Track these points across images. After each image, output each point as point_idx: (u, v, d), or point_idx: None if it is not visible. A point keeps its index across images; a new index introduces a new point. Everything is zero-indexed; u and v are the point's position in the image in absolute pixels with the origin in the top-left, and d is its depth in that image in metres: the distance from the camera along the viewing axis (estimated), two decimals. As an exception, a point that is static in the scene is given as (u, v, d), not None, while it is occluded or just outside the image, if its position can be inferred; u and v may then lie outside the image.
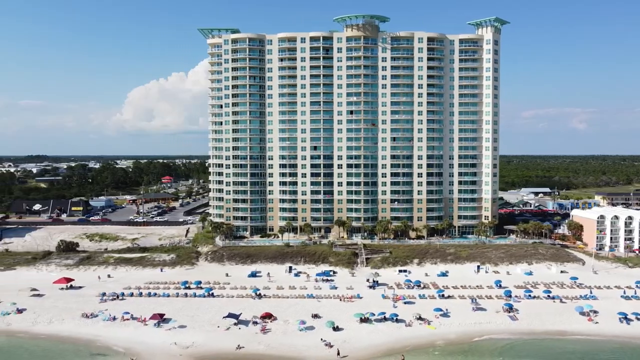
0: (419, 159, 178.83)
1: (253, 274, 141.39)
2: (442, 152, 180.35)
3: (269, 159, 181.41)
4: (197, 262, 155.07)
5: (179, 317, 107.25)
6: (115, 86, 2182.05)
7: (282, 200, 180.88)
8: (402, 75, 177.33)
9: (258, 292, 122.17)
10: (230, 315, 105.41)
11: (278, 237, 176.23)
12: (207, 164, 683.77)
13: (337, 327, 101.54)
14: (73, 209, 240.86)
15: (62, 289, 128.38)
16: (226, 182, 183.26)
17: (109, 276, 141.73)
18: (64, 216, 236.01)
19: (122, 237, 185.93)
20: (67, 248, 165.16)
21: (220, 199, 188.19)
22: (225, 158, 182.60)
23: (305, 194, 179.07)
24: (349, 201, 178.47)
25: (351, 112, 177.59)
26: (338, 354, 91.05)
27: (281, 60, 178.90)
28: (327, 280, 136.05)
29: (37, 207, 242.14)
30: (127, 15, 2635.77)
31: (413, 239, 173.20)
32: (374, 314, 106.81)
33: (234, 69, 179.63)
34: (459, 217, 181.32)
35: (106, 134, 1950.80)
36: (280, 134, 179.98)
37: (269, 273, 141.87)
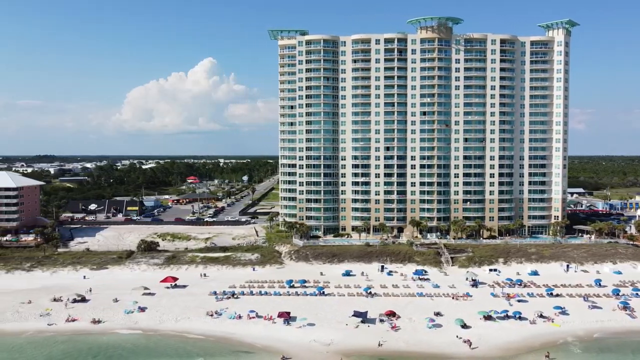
0: (490, 159, 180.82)
1: (347, 273, 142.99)
2: (513, 153, 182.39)
3: (342, 159, 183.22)
4: (283, 261, 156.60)
5: (303, 315, 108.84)
6: (114, 86, 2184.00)
7: (355, 200, 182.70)
8: (475, 77, 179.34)
9: (369, 291, 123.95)
10: (357, 314, 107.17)
11: (350, 236, 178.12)
12: (221, 164, 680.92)
13: (465, 324, 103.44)
14: (128, 208, 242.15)
15: (168, 287, 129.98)
16: (299, 182, 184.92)
17: (205, 275, 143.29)
18: (119, 216, 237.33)
19: (194, 236, 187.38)
20: (148, 248, 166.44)
21: (291, 198, 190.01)
22: (299, 158, 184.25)
23: (379, 194, 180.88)
24: (422, 201, 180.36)
25: (424, 113, 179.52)
26: (470, 346, 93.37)
27: (354, 61, 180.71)
28: (423, 279, 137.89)
29: (92, 207, 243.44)
30: (128, 15, 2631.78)
31: (485, 238, 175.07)
32: (497, 312, 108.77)
33: (307, 70, 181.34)
34: (529, 217, 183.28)
35: (105, 134, 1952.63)
36: (353, 134, 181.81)
37: (363, 272, 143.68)
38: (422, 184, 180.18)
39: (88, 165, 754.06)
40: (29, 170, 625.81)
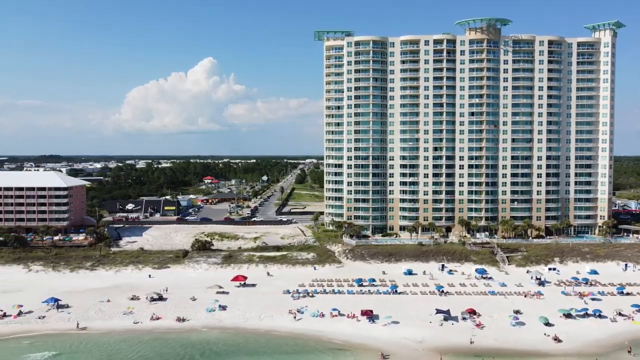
0: (538, 159, 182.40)
1: (409, 272, 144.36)
2: (560, 153, 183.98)
3: (390, 159, 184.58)
4: (341, 260, 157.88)
5: (385, 313, 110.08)
6: (114, 86, 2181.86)
7: (403, 200, 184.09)
8: (522, 78, 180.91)
9: (442, 290, 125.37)
10: (440, 311, 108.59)
11: (399, 236, 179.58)
12: (231, 164, 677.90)
13: (549, 322, 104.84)
14: (166, 208, 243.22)
15: (238, 286, 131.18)
16: (347, 182, 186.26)
17: (269, 274, 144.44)
18: (157, 215, 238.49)
19: (241, 236, 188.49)
20: (203, 247, 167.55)
21: (337, 198, 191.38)
22: (348, 158, 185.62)
23: (427, 194, 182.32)
24: (470, 201, 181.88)
25: (472, 114, 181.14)
26: (560, 343, 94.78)
27: (403, 62, 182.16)
28: (487, 277, 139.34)
29: (129, 206, 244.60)
30: (127, 14, 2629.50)
31: (533, 238, 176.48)
32: (577, 310, 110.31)
33: (356, 70, 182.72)
34: (575, 216, 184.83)
35: (105, 134, 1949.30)
36: (401, 134, 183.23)
37: (424, 271, 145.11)
38: (470, 183, 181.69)
39: (97, 165, 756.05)
40: (40, 170, 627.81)
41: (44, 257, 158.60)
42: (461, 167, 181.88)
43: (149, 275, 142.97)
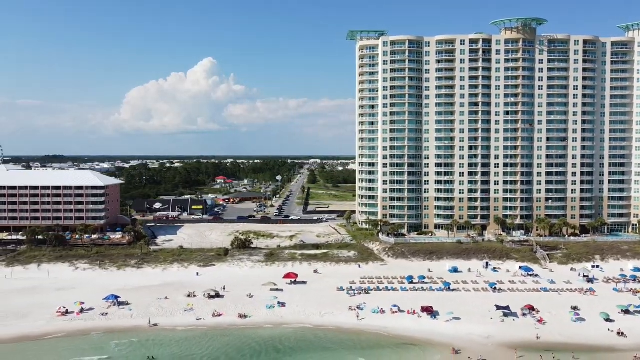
0: (572, 158, 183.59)
1: (454, 270, 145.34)
2: (594, 152, 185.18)
3: (425, 158, 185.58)
4: (383, 258, 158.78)
5: (444, 310, 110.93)
6: (113, 86, 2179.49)
7: (438, 199, 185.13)
8: (557, 77, 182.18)
9: (494, 286, 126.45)
10: (499, 308, 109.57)
11: (434, 234, 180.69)
12: (239, 164, 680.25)
13: (609, 318, 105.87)
14: (193, 207, 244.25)
15: (289, 283, 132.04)
16: (382, 181, 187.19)
17: (317, 271, 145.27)
18: (185, 214, 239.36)
19: (276, 234, 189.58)
20: (243, 245, 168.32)
21: (370, 197, 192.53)
22: (383, 157, 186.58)
23: (463, 193, 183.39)
24: (505, 199, 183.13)
25: (507, 113, 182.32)
26: (625, 338, 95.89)
27: (438, 61, 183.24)
28: (533, 275, 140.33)
29: (157, 205, 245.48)
30: (127, 14, 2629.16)
31: (569, 236, 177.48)
32: (636, 306, 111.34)
33: (392, 70, 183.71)
34: (609, 215, 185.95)
35: (104, 134, 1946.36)
36: (437, 133, 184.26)
37: (469, 269, 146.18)
38: (505, 182, 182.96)
39: (104, 165, 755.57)
40: (48, 170, 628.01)
41: (86, 255, 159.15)
42: (496, 165, 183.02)
43: (197, 274, 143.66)
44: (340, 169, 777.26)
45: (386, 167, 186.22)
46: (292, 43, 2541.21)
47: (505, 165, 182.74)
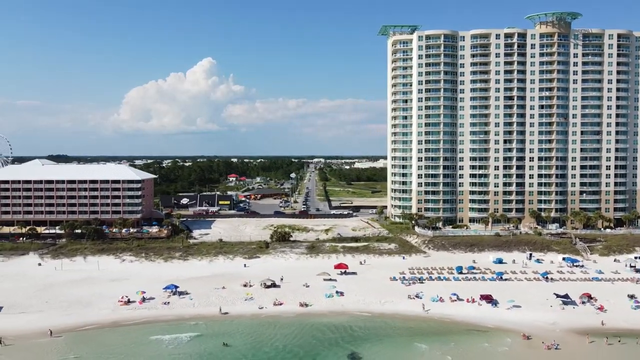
0: (607, 152, 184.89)
1: (499, 261, 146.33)
2: (627, 146, 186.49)
3: (460, 152, 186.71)
4: (424, 250, 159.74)
5: (503, 298, 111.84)
6: (113, 87, 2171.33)
7: (472, 192, 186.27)
8: (592, 71, 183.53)
9: (546, 276, 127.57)
10: (559, 296, 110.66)
11: (469, 227, 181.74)
12: (248, 163, 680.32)
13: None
14: (220, 202, 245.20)
15: (340, 274, 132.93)
16: (417, 175, 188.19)
17: (361, 263, 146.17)
18: (211, 209, 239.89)
19: (310, 228, 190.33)
20: (282, 238, 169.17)
21: (404, 191, 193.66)
22: (418, 151, 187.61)
23: (497, 187, 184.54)
24: (540, 193, 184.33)
25: (542, 107, 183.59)
26: None
27: (473, 56, 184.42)
28: (578, 265, 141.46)
29: (184, 201, 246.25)
30: (126, 14, 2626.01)
31: (603, 229, 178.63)
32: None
33: (427, 64, 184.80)
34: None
35: (103, 134, 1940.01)
36: (472, 127, 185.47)
37: (514, 260, 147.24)
38: (540, 176, 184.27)
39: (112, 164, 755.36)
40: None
41: (128, 248, 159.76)
42: (531, 159, 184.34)
43: (244, 265, 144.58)
44: (347, 167, 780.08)
45: (421, 161, 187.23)
46: (292, 43, 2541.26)
47: (540, 159, 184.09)
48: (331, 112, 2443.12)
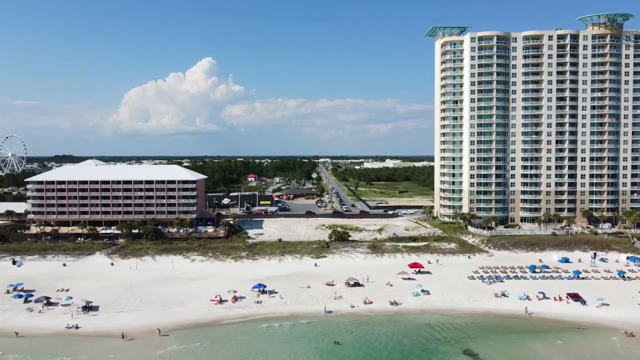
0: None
1: (565, 260, 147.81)
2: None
3: (512, 153, 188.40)
4: (486, 250, 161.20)
5: (589, 296, 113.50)
6: (112, 87, 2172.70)
7: (524, 192, 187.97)
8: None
9: (623, 274, 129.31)
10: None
11: (520, 227, 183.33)
12: (261, 163, 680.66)
13: None
14: (261, 202, 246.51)
15: (415, 272, 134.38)
16: (470, 175, 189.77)
17: (429, 262, 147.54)
18: (254, 209, 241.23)
19: (362, 228, 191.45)
20: (341, 238, 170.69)
21: (453, 191, 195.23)
22: (470, 151, 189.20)
23: (550, 186, 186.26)
24: (591, 192, 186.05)
25: (594, 108, 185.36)
26: None
27: (525, 57, 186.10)
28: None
29: (225, 201, 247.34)
30: (126, 14, 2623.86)
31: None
32: None
33: (479, 65, 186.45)
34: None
35: (102, 134, 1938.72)
36: (523, 128, 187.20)
37: (580, 259, 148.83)
38: (591, 176, 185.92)
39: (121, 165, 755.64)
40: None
41: (190, 247, 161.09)
42: (583, 159, 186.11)
43: (315, 264, 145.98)
44: (358, 167, 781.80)
45: (473, 161, 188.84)
46: (292, 43, 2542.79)
47: (592, 159, 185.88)
48: (330, 112, 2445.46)
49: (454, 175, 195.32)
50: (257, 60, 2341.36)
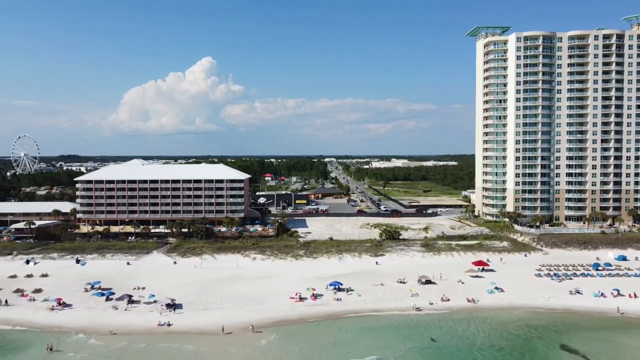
0: None
1: (622, 258, 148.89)
2: None
3: (557, 152, 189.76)
4: (540, 248, 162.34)
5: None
6: (111, 87, 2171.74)
7: (569, 191, 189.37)
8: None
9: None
10: None
11: (566, 226, 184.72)
12: (273, 162, 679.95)
13: None
14: (297, 202, 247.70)
15: (479, 270, 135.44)
16: (515, 174, 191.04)
17: (488, 260, 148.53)
18: (289, 209, 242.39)
19: (407, 227, 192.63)
20: (391, 237, 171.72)
21: (497, 190, 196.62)
22: (515, 151, 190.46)
23: (595, 185, 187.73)
24: (636, 191, 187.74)
25: (639, 107, 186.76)
26: None
27: (570, 57, 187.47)
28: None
29: (261, 200, 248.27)
30: (125, 14, 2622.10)
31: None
32: None
33: (524, 65, 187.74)
34: None
35: (102, 134, 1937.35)
36: (568, 127, 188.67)
37: (636, 257, 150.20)
38: (637, 174, 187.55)
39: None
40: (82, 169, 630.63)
41: (244, 246, 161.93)
42: (628, 158, 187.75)
43: (376, 263, 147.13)
44: (367, 167, 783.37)
45: (518, 160, 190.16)
46: (291, 43, 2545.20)
47: (637, 158, 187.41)
48: (330, 111, 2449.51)
49: (497, 174, 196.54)
50: (257, 60, 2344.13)
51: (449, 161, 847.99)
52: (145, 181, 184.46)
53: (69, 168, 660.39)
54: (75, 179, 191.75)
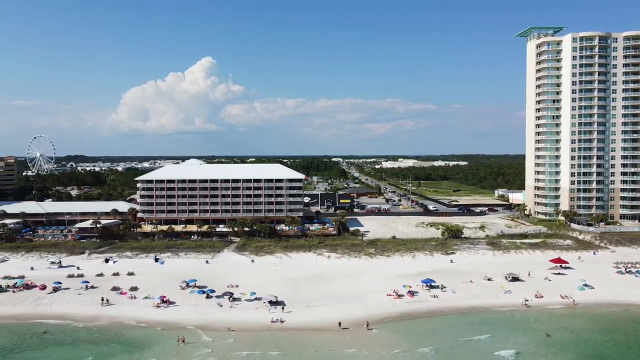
0: None
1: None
2: None
3: (612, 151, 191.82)
4: (605, 246, 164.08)
5: None
6: (111, 87, 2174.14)
7: (624, 190, 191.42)
8: None
9: None
10: None
11: (621, 224, 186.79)
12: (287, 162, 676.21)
13: None
14: (341, 201, 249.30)
15: (557, 267, 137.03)
16: (570, 173, 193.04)
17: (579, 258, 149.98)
18: (331, 209, 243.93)
19: (463, 225, 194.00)
20: (454, 235, 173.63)
21: (550, 189, 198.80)
22: (571, 150, 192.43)
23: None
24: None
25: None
26: None
27: (626, 57, 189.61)
28: None
29: (306, 199, 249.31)
30: (125, 14, 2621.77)
31: None
32: None
33: (580, 65, 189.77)
34: None
35: (101, 134, 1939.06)
36: (623, 127, 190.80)
37: None
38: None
39: (140, 165, 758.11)
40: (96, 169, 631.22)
41: (311, 245, 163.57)
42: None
43: (450, 261, 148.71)
44: (378, 167, 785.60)
45: (574, 160, 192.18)
46: (291, 43, 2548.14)
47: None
48: (329, 111, 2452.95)
49: (550, 173, 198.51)
50: (256, 60, 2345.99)
51: (455, 161, 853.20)
52: (205, 181, 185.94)
53: (83, 169, 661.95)
54: (136, 178, 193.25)
